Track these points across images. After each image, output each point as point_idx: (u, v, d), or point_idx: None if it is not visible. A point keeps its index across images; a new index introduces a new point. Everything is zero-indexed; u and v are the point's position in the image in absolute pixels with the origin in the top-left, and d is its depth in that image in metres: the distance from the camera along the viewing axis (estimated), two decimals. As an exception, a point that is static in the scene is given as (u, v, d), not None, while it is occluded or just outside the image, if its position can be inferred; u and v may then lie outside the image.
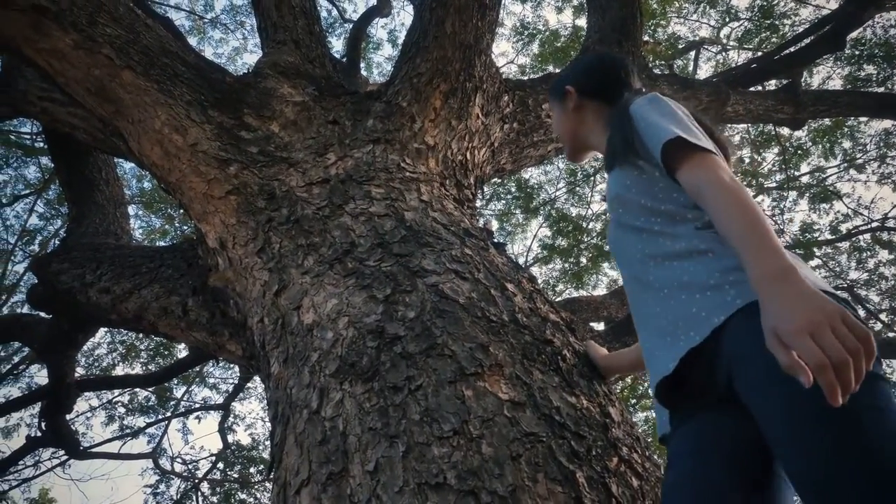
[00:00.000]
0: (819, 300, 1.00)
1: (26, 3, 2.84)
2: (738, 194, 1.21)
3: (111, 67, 2.93)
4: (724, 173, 1.27)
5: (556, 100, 1.89)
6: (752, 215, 1.17)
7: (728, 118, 5.60)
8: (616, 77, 1.83)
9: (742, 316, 1.18)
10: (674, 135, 1.34)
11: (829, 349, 0.94)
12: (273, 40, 3.86)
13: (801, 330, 0.97)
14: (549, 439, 1.54)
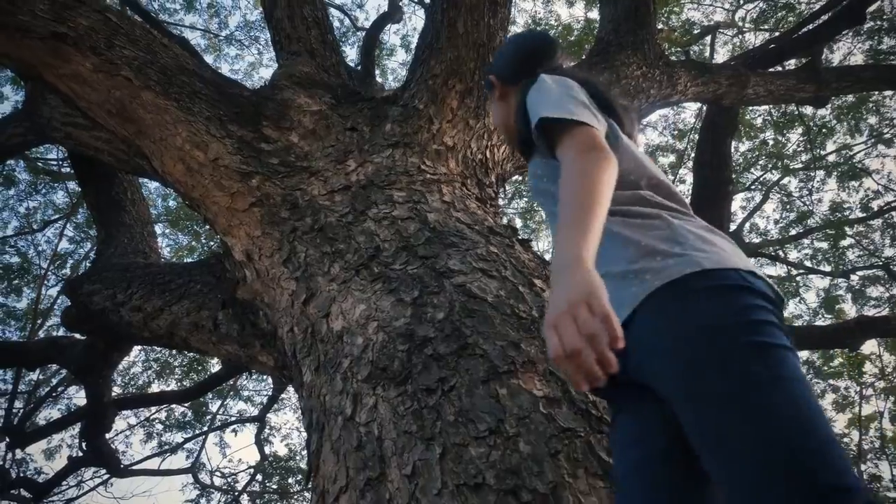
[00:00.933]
0: (572, 291, 0.97)
1: (45, 31, 2.89)
2: (577, 178, 1.15)
3: (131, 88, 2.96)
4: (582, 152, 1.20)
5: (488, 92, 1.81)
6: (580, 201, 1.11)
7: (749, 100, 5.52)
8: (527, 58, 1.72)
9: (646, 306, 1.15)
10: (539, 116, 1.30)
11: (564, 338, 0.93)
12: (288, 52, 3.88)
13: (550, 324, 0.96)
14: (587, 434, 1.52)
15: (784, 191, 10.27)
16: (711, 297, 1.09)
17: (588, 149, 1.20)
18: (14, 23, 2.86)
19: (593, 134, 1.24)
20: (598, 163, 1.17)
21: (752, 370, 1.01)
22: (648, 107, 4.59)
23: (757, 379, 1.00)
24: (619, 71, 4.23)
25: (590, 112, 1.32)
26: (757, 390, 0.99)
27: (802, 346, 7.17)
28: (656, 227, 1.24)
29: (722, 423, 0.99)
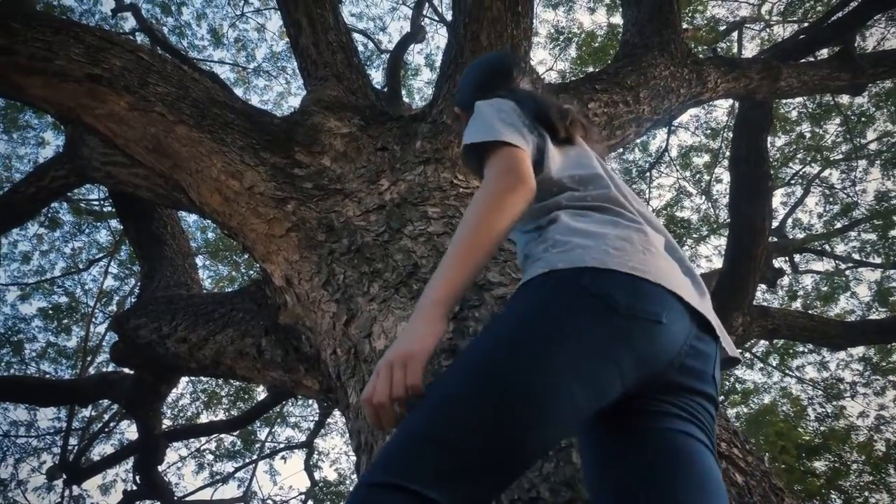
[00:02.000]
0: (402, 345, 1.04)
1: (81, 73, 2.97)
2: (472, 212, 1.17)
3: (165, 124, 3.03)
4: (494, 178, 1.22)
5: (455, 124, 1.79)
6: (463, 239, 1.14)
7: (783, 93, 5.42)
8: (483, 84, 1.72)
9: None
10: (463, 145, 1.33)
11: (377, 389, 1.02)
12: (315, 77, 3.93)
13: (377, 368, 1.05)
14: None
15: (826, 183, 10.05)
16: (533, 291, 1.10)
17: (502, 173, 1.22)
18: (52, 68, 2.95)
19: (512, 155, 1.25)
20: (500, 194, 1.18)
21: (481, 345, 1.03)
22: (679, 106, 4.53)
23: (472, 356, 1.02)
24: (646, 72, 4.19)
25: (515, 131, 1.32)
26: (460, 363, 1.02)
27: (857, 342, 6.97)
28: (550, 231, 1.24)
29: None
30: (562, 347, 0.99)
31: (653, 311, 1.05)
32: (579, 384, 0.98)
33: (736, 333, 5.90)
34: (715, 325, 1.18)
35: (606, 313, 1.03)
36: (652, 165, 10.15)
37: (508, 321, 1.05)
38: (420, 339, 1.04)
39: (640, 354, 1.03)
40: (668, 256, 1.20)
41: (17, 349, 9.56)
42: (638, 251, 1.12)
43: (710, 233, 10.45)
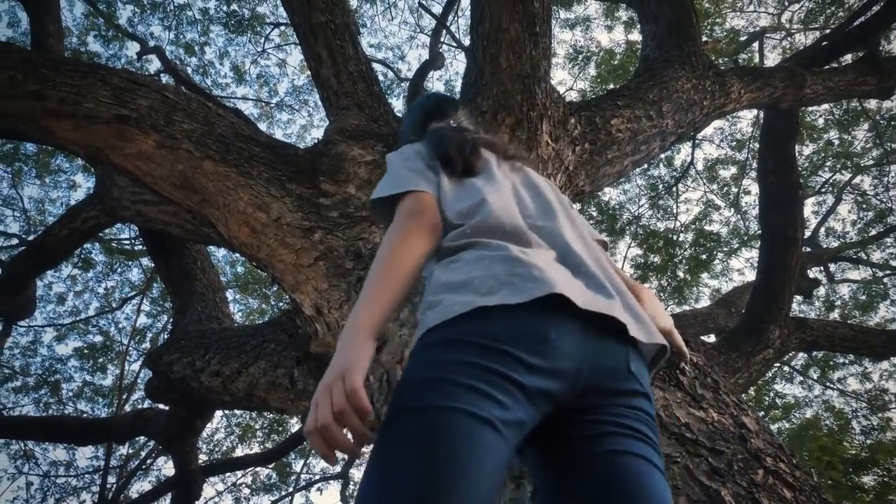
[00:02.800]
0: (334, 368, 1.03)
1: (109, 115, 3.03)
2: (380, 251, 1.23)
3: (192, 160, 3.07)
4: (396, 223, 1.28)
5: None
6: (375, 272, 1.19)
7: (808, 100, 5.35)
8: (420, 125, 1.75)
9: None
10: (371, 200, 1.40)
11: (318, 413, 0.99)
12: (337, 107, 3.97)
13: (313, 400, 1.02)
14: (683, 458, 1.44)
15: (857, 190, 9.87)
16: (412, 357, 1.09)
17: (403, 218, 1.28)
18: (81, 111, 3.01)
19: (415, 199, 1.32)
20: (403, 233, 1.24)
21: (379, 435, 0.98)
22: (703, 119, 4.49)
23: (384, 437, 0.97)
24: (668, 86, 4.17)
25: (419, 175, 1.38)
26: (371, 455, 0.97)
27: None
28: (426, 289, 1.26)
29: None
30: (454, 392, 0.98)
31: (537, 332, 1.05)
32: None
33: (773, 347, 5.78)
34: (621, 318, 1.14)
35: (486, 350, 1.02)
36: (678, 180, 10.06)
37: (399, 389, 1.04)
38: (351, 356, 1.04)
39: (538, 370, 1.03)
40: (551, 266, 1.19)
41: (54, 389, 9.70)
42: (504, 282, 1.11)
43: (741, 245, 10.31)
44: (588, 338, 1.10)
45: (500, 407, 0.97)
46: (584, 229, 1.45)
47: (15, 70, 2.97)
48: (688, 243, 10.15)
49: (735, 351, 5.51)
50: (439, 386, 0.98)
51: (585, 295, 1.14)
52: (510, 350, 1.01)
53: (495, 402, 0.97)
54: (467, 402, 0.95)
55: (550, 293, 1.07)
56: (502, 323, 1.05)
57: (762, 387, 9.34)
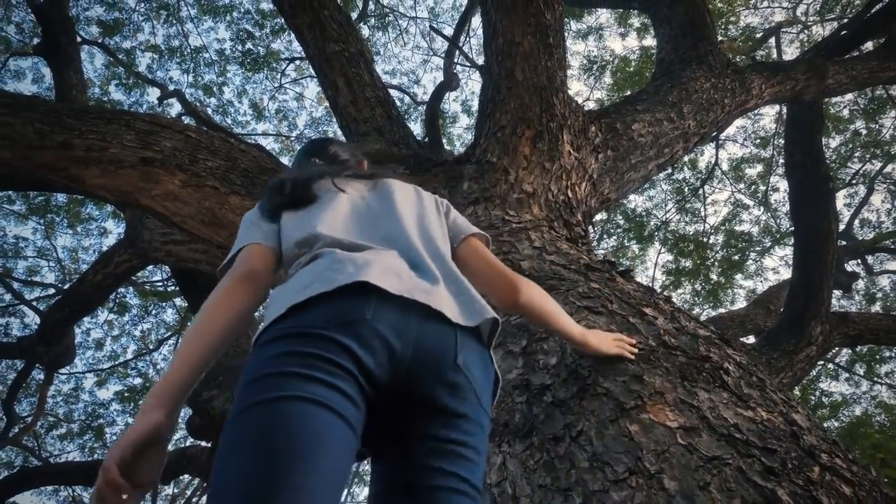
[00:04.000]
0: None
1: (135, 158, 3.08)
2: (198, 312, 1.25)
3: (218, 196, 3.10)
4: (220, 284, 1.30)
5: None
6: (185, 334, 1.23)
7: (831, 91, 5.27)
8: (293, 169, 1.81)
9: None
10: (219, 269, 1.42)
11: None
12: (357, 134, 4.00)
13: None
14: (735, 460, 1.39)
15: (890, 179, 9.67)
16: (244, 365, 1.11)
17: (230, 272, 1.32)
18: (108, 157, 3.07)
19: (238, 259, 1.36)
20: (216, 291, 1.27)
21: (220, 441, 1.01)
22: (725, 117, 4.44)
23: (220, 447, 1.00)
24: (687, 87, 4.13)
25: (252, 230, 1.43)
26: (217, 458, 0.99)
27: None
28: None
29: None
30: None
31: (351, 313, 1.10)
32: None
33: (816, 343, 5.64)
34: (435, 305, 1.17)
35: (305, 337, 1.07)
36: (704, 181, 9.95)
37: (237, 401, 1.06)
38: (127, 430, 1.07)
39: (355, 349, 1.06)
40: (374, 261, 1.23)
41: (98, 434, 9.81)
42: (319, 278, 1.17)
43: (773, 243, 10.14)
44: (408, 319, 1.14)
45: (328, 387, 1.01)
46: (437, 231, 1.49)
47: (42, 122, 3.04)
48: (719, 245, 10.02)
49: (777, 350, 5.40)
50: (266, 381, 1.01)
51: (404, 283, 1.18)
52: (326, 333, 1.06)
53: (321, 384, 1.00)
54: (294, 389, 0.99)
55: (356, 280, 1.13)
56: (316, 312, 1.10)
57: (807, 386, 9.12)
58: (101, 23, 9.88)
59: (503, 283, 1.47)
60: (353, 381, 1.04)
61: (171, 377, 1.14)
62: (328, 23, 4.26)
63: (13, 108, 3.06)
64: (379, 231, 1.40)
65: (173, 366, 1.15)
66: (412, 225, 1.44)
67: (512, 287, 1.46)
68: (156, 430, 1.07)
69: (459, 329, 1.19)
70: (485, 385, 1.21)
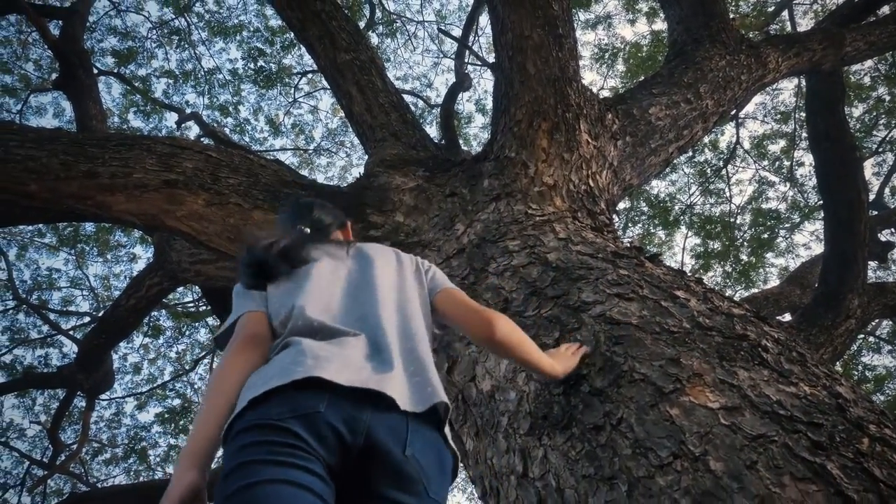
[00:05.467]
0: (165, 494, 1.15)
1: (158, 181, 3.12)
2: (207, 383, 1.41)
3: (242, 212, 3.13)
4: (224, 352, 1.40)
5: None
6: (201, 402, 1.34)
7: (850, 58, 5.17)
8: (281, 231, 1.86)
9: None
10: (215, 338, 1.53)
11: None
12: (373, 140, 4.01)
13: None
14: (781, 436, 1.37)
15: (918, 143, 9.46)
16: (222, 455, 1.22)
17: (229, 343, 1.42)
18: (132, 182, 3.11)
19: (238, 326, 1.45)
20: (224, 357, 1.38)
21: None
22: (743, 94, 4.38)
23: None
24: (702, 66, 4.08)
25: (244, 299, 1.52)
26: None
27: None
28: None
29: None
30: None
31: (308, 405, 1.18)
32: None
33: (854, 317, 5.54)
34: (388, 392, 1.23)
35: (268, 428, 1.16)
36: (726, 161, 9.82)
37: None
38: (172, 483, 1.16)
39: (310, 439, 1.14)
40: (333, 352, 1.31)
41: (142, 456, 9.94)
42: (281, 371, 1.25)
43: (803, 219, 9.98)
44: (361, 410, 1.21)
45: (294, 468, 1.10)
46: (414, 298, 1.56)
47: (66, 153, 3.10)
48: (746, 225, 9.88)
49: (815, 326, 5.31)
50: (238, 471, 1.10)
51: (359, 375, 1.25)
52: (284, 424, 1.15)
53: (288, 466, 1.10)
54: (263, 474, 1.08)
55: (309, 376, 1.21)
56: (276, 403, 1.19)
57: (849, 360, 8.95)
58: (115, 53, 10.04)
59: (477, 320, 1.54)
60: (316, 460, 1.14)
61: (198, 437, 1.23)
62: (337, 33, 4.28)
63: (37, 141, 3.11)
64: (355, 308, 1.47)
65: (197, 427, 1.25)
66: (388, 298, 1.50)
67: (487, 324, 1.53)
68: (195, 489, 1.16)
69: (411, 416, 1.25)
70: (436, 472, 1.25)
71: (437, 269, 1.74)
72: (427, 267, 1.72)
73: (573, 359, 1.76)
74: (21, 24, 9.51)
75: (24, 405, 10.15)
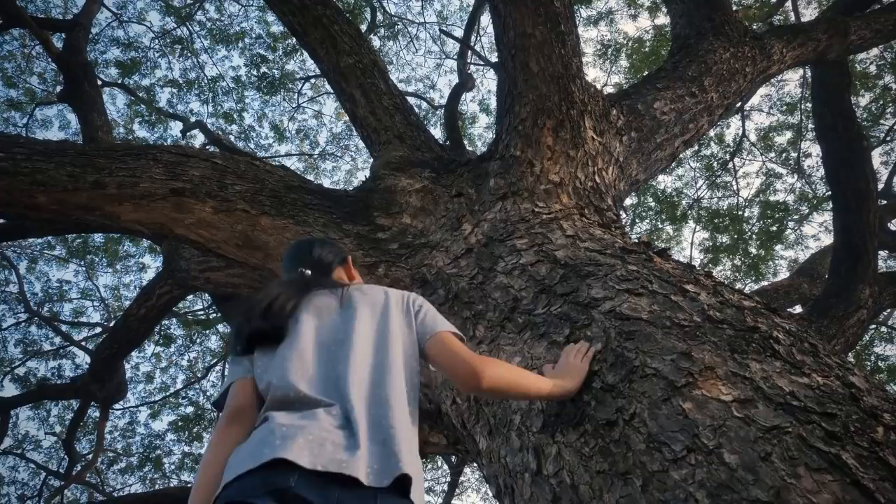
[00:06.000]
0: None
1: (165, 190, 3.13)
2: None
3: (249, 218, 3.14)
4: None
5: None
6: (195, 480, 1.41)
7: (856, 47, 5.14)
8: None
9: None
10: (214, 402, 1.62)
11: None
12: (378, 143, 4.02)
13: None
14: (795, 427, 1.37)
15: (926, 131, 9.39)
16: None
17: (221, 419, 1.51)
18: (139, 192, 3.12)
19: (228, 398, 1.53)
20: (212, 434, 1.49)
21: None
22: (749, 86, 4.36)
23: None
24: (706, 59, 4.07)
25: (232, 369, 1.59)
26: None
27: None
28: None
29: None
30: None
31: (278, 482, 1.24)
32: None
33: (866, 307, 5.50)
34: (352, 473, 1.26)
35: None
36: (733, 155, 9.79)
37: None
38: None
39: None
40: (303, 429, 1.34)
41: (157, 465, 9.98)
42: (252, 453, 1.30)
43: (811, 210, 9.93)
44: (329, 487, 1.25)
45: None
46: (395, 347, 1.55)
47: (73, 165, 3.11)
48: (755, 218, 9.84)
49: (826, 317, 5.28)
50: None
51: (322, 456, 1.28)
52: (258, 502, 1.20)
53: None
54: None
55: (276, 457, 1.25)
56: (250, 483, 1.25)
57: (861, 351, 8.90)
58: (119, 64, 10.09)
59: (464, 372, 1.53)
60: None
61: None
62: (339, 37, 4.29)
63: (45, 154, 3.13)
64: (330, 372, 1.48)
65: (193, 498, 1.36)
66: (362, 360, 1.50)
67: (473, 375, 1.52)
68: None
69: (378, 489, 1.27)
70: None
71: (429, 308, 1.73)
72: (418, 307, 1.71)
73: (583, 365, 1.75)
74: (24, 37, 9.58)
75: (39, 417, 10.22)
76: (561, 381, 1.69)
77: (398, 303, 1.69)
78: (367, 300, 1.67)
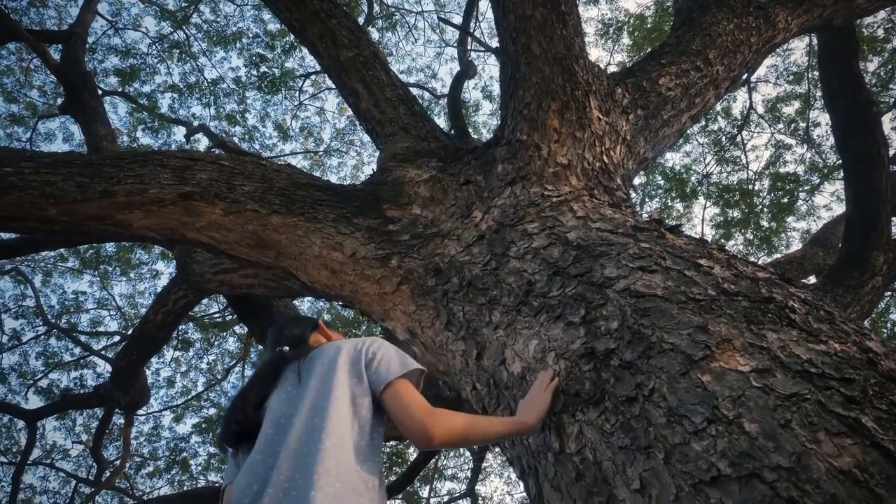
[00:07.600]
0: None
1: (174, 195, 3.15)
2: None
3: (260, 218, 3.16)
4: None
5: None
6: None
7: (862, 11, 5.07)
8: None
9: None
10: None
11: None
12: (383, 135, 4.02)
13: None
14: (813, 394, 1.37)
15: (936, 94, 9.28)
16: None
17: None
18: (148, 198, 3.15)
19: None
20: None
21: None
22: (754, 57, 4.32)
23: None
24: (709, 32, 4.04)
25: (227, 471, 1.71)
26: None
27: None
28: None
29: None
30: None
31: None
32: None
33: (881, 274, 5.47)
34: None
35: None
36: (741, 128, 9.72)
37: None
38: None
39: None
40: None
41: (184, 467, 10.09)
42: None
43: (822, 180, 9.85)
44: None
45: None
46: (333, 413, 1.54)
47: (81, 175, 3.13)
48: (765, 190, 9.78)
49: (840, 286, 5.25)
50: None
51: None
52: None
53: None
54: None
55: None
56: None
57: (877, 319, 8.85)
58: (118, 72, 10.13)
59: (415, 432, 1.55)
60: None
61: None
62: (338, 31, 4.29)
63: (52, 166, 3.15)
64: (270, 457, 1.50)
65: None
66: (300, 425, 1.53)
67: (423, 434, 1.54)
68: None
69: None
70: None
71: (385, 353, 1.72)
72: (371, 355, 1.70)
73: (544, 396, 1.76)
74: (21, 51, 9.62)
75: (66, 426, 10.35)
76: (522, 417, 1.73)
77: (348, 354, 1.70)
78: (320, 361, 1.71)
